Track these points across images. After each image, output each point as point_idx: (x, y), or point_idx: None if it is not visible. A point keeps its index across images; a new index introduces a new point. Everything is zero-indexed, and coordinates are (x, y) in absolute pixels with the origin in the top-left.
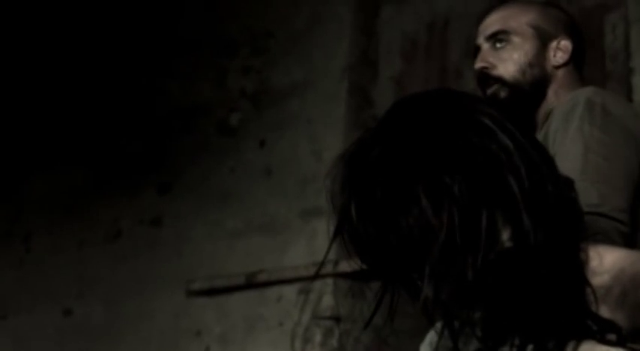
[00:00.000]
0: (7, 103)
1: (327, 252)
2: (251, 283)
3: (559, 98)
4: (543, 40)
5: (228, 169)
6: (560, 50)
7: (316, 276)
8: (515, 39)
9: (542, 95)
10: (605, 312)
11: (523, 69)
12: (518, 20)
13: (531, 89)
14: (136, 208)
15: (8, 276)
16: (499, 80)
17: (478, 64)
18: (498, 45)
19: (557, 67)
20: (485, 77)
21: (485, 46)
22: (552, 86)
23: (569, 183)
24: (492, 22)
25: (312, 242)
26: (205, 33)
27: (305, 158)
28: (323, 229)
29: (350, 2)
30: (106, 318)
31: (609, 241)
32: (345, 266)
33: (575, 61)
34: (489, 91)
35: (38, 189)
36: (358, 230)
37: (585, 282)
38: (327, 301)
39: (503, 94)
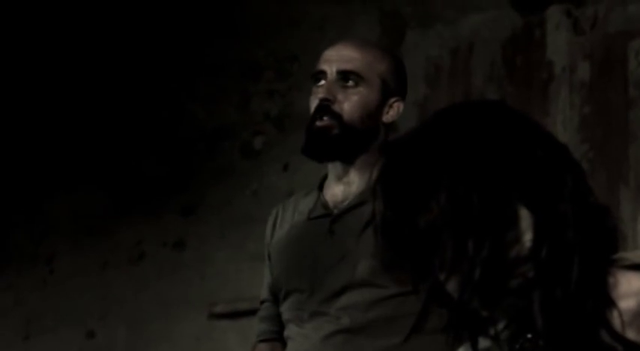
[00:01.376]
0: (31, 124)
1: None
2: None
3: (380, 150)
4: (385, 96)
5: (252, 192)
6: (392, 109)
7: None
8: (365, 86)
9: (367, 144)
10: (631, 335)
11: (362, 117)
12: (373, 69)
13: (361, 137)
14: (160, 230)
15: (32, 297)
16: (337, 118)
17: (324, 95)
18: (347, 84)
19: (385, 124)
20: (325, 109)
21: (334, 77)
22: (377, 140)
23: (605, 209)
24: (349, 58)
25: None
26: (230, 56)
27: None
28: None
29: (374, 27)
30: (129, 340)
31: None
32: None
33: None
34: (321, 123)
35: (62, 211)
36: (388, 216)
37: (613, 305)
38: None
39: (335, 131)
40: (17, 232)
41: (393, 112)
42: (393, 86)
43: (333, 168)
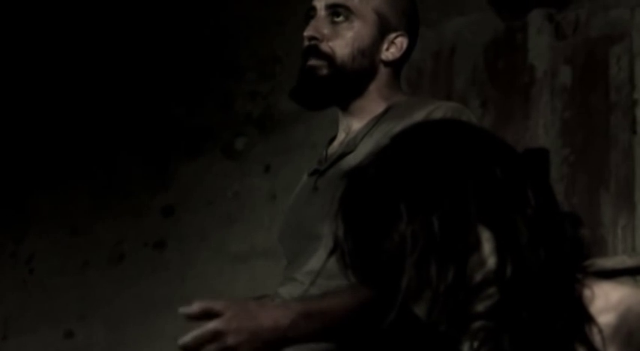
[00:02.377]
0: (11, 123)
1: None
2: None
3: (382, 95)
4: (382, 31)
5: (233, 194)
6: (394, 45)
7: None
8: (357, 20)
9: (361, 86)
10: None
11: (354, 55)
12: (367, 1)
13: (354, 77)
14: (140, 230)
15: (11, 297)
16: (326, 57)
17: (310, 32)
18: (337, 19)
19: (385, 63)
20: (314, 49)
21: (323, 13)
22: (375, 81)
23: (575, 219)
24: None
25: None
26: (213, 57)
27: None
28: None
29: None
30: (108, 341)
31: None
32: None
33: (402, 61)
34: (312, 62)
35: (42, 210)
36: (349, 244)
37: (592, 321)
38: None
39: (325, 71)
40: None
41: (395, 49)
42: (394, 21)
43: (339, 118)
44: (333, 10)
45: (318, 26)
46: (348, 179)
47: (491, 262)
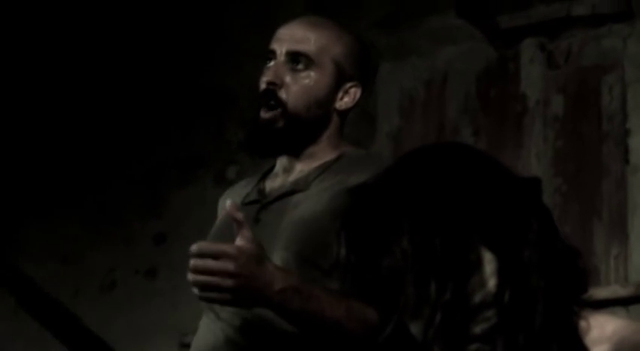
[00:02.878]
0: (2, 151)
1: None
2: None
3: (332, 142)
4: (339, 80)
5: None
6: (348, 95)
7: None
8: (316, 70)
9: (314, 134)
10: None
11: (310, 105)
12: (326, 51)
13: (308, 127)
14: (132, 258)
15: (2, 326)
16: (281, 106)
17: (270, 78)
18: (296, 66)
19: (338, 111)
20: (270, 94)
21: (283, 59)
22: (327, 130)
23: (575, 252)
24: (301, 38)
25: None
26: (205, 84)
27: None
28: None
29: None
30: None
31: None
32: None
33: (352, 109)
34: (267, 115)
35: (33, 238)
36: (350, 258)
37: None
38: None
39: (280, 124)
40: None
41: (348, 98)
42: (350, 71)
43: (280, 159)
44: (294, 58)
45: (279, 72)
46: (352, 196)
47: (491, 284)
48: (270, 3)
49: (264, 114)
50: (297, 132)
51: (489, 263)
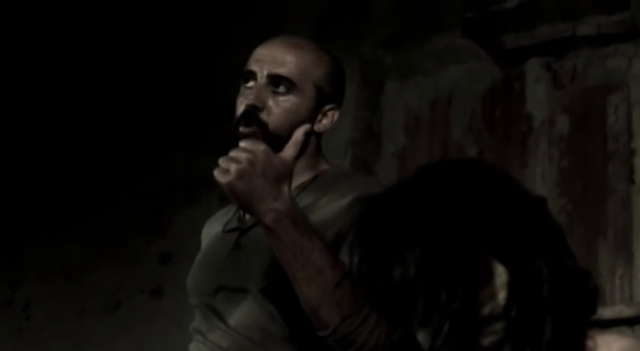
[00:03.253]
0: (7, 170)
1: None
2: None
3: (309, 163)
4: (319, 103)
5: None
6: (326, 117)
7: None
8: (296, 94)
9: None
10: None
11: (290, 127)
12: (307, 75)
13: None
14: (137, 277)
15: (7, 344)
16: (262, 126)
17: (252, 101)
18: (278, 89)
19: (315, 133)
20: (251, 116)
21: (264, 82)
22: (306, 151)
23: (585, 273)
24: (281, 61)
25: None
26: (210, 104)
27: None
28: None
29: (354, 77)
30: None
31: None
32: None
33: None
34: (246, 130)
35: (38, 257)
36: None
37: None
38: None
39: (259, 139)
40: None
41: (327, 120)
42: (329, 93)
43: None
44: (275, 81)
45: (260, 95)
46: (365, 205)
47: (501, 296)
48: (275, 22)
49: (244, 129)
50: (276, 152)
51: (500, 276)
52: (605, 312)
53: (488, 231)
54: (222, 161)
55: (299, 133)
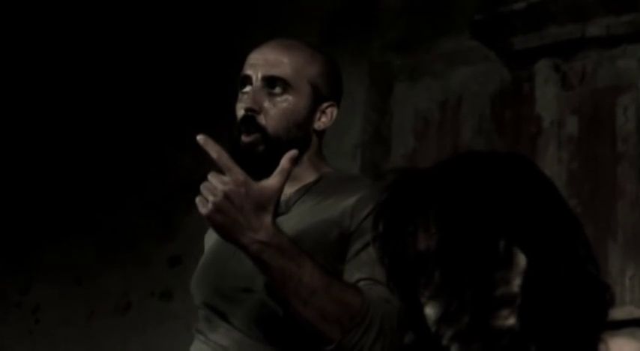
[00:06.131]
0: (17, 175)
1: None
2: None
3: (313, 163)
4: (315, 102)
5: None
6: (325, 115)
7: None
8: (293, 94)
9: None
10: None
11: (290, 128)
12: (302, 74)
13: (289, 149)
14: (146, 280)
15: (17, 347)
16: (261, 130)
17: (249, 104)
18: (273, 91)
19: (317, 132)
20: (250, 120)
21: (259, 84)
22: (308, 150)
23: (604, 284)
24: (275, 62)
25: None
26: (219, 107)
27: None
28: None
29: (364, 80)
30: None
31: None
32: None
33: (327, 128)
34: (248, 139)
35: (48, 260)
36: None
37: None
38: None
39: (261, 148)
40: (3, 281)
41: (326, 118)
42: (325, 91)
43: None
44: (270, 82)
45: (257, 98)
46: (397, 177)
47: (515, 283)
48: (283, 28)
49: (245, 138)
50: (279, 155)
51: (519, 264)
52: (616, 313)
53: (514, 218)
54: (203, 188)
55: (286, 161)
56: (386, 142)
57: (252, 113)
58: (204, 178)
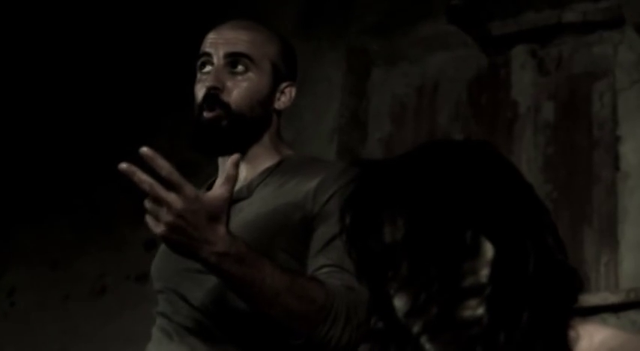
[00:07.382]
0: None
1: None
2: None
3: (274, 143)
4: (276, 81)
5: None
6: (284, 94)
7: None
8: (255, 70)
9: (258, 134)
10: None
11: (252, 106)
12: (263, 51)
13: (252, 126)
14: (122, 263)
15: None
16: (225, 107)
17: (213, 83)
18: (236, 69)
19: (277, 111)
20: (213, 98)
21: (222, 62)
22: (269, 129)
23: (573, 270)
24: (236, 40)
25: None
26: (191, 90)
27: None
28: None
29: (341, 64)
30: None
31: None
32: None
33: (286, 109)
34: (211, 114)
35: (23, 243)
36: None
37: None
38: None
39: (224, 123)
40: None
41: (285, 98)
42: (284, 70)
43: (222, 162)
44: (233, 60)
45: (219, 77)
46: (363, 168)
47: (483, 273)
48: (261, 9)
49: (208, 114)
50: (241, 131)
51: (486, 253)
52: (591, 299)
53: (480, 208)
54: (151, 208)
55: (231, 168)
56: (363, 126)
57: (215, 91)
58: (180, 163)
